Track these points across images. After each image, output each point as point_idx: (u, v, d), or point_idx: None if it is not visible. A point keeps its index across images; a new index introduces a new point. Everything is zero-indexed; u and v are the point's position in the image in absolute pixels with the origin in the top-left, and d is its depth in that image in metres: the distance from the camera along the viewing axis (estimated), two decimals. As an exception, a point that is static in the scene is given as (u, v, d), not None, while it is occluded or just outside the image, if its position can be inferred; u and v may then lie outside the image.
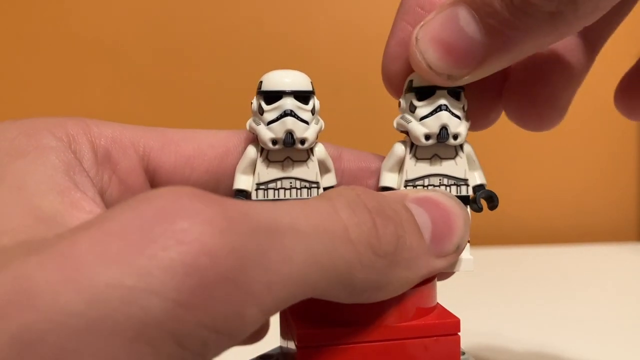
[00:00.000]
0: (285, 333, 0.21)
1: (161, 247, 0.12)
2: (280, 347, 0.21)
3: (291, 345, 0.19)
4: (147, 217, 0.13)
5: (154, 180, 0.21)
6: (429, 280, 0.20)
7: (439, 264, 0.18)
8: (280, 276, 0.14)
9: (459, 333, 0.19)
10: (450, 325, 0.19)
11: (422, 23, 0.20)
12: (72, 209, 0.16)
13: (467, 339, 0.20)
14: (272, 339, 0.21)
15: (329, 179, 0.22)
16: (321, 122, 0.21)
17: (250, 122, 0.21)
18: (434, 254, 0.18)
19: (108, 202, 0.19)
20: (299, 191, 0.21)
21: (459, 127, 0.20)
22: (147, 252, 0.12)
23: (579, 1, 0.17)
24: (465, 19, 0.18)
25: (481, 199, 0.21)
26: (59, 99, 0.64)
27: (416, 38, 0.19)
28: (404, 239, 0.17)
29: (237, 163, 0.22)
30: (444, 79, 0.20)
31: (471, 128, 0.22)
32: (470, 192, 0.21)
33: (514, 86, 0.24)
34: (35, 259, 0.12)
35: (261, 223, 0.14)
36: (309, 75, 0.21)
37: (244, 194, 0.21)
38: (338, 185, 0.22)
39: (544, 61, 0.24)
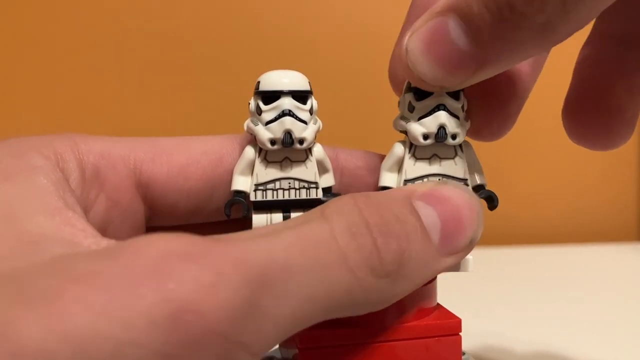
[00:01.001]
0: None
1: (149, 304, 0.12)
2: (281, 348, 0.21)
3: (293, 346, 0.19)
4: (136, 272, 0.13)
5: (147, 192, 0.21)
6: (429, 281, 0.20)
7: (449, 262, 0.17)
8: (273, 320, 0.14)
9: (460, 333, 0.19)
10: (451, 326, 0.19)
11: (411, 31, 0.19)
12: (65, 227, 0.15)
13: (467, 339, 0.20)
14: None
15: (327, 179, 0.22)
16: (319, 122, 0.21)
17: (248, 123, 0.21)
18: (444, 252, 0.17)
19: (93, 221, 0.19)
20: (297, 191, 0.21)
21: (457, 127, 0.20)
22: (136, 307, 0.12)
23: (569, 11, 0.17)
24: (456, 31, 0.18)
25: (481, 199, 0.21)
26: (59, 98, 0.64)
27: (406, 49, 0.19)
28: (410, 252, 0.16)
29: (231, 169, 0.21)
30: (437, 88, 0.19)
31: (478, 139, 0.22)
32: None
33: (572, 104, 0.23)
34: (21, 308, 0.12)
35: (253, 269, 0.14)
36: (307, 76, 0.21)
37: (242, 195, 0.21)
38: (337, 185, 0.22)
39: (604, 71, 0.23)
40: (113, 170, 0.20)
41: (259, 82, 0.21)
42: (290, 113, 0.20)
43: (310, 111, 0.21)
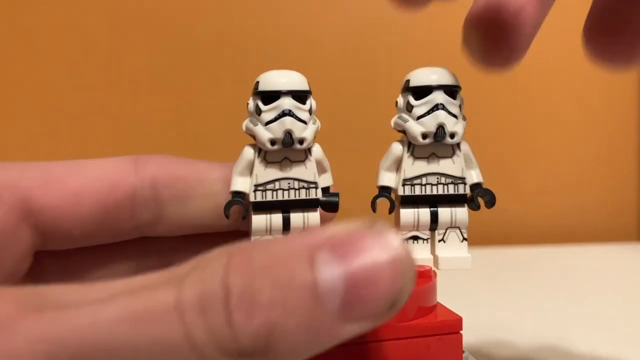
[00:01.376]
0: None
1: None
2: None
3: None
4: None
5: (38, 220, 0.20)
6: (428, 280, 0.20)
7: (352, 329, 0.14)
8: None
9: (461, 332, 0.19)
10: (452, 324, 0.19)
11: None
12: None
13: (467, 338, 0.20)
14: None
15: (326, 179, 0.22)
16: (318, 122, 0.21)
17: (246, 123, 0.21)
18: (349, 319, 0.13)
19: None
20: (297, 192, 0.21)
21: (455, 125, 0.21)
22: None
23: None
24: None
25: (478, 198, 0.21)
26: (59, 96, 0.64)
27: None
28: (286, 326, 0.13)
29: (127, 193, 0.21)
30: None
31: (490, 68, 0.21)
32: (468, 191, 0.21)
33: (594, 23, 0.22)
34: None
35: (62, 351, 0.12)
36: (306, 76, 0.21)
37: (241, 196, 0.21)
38: (334, 186, 0.22)
39: None
40: None
41: (257, 82, 0.21)
42: (290, 113, 0.20)
43: (310, 111, 0.21)
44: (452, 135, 0.20)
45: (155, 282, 0.14)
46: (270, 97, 0.20)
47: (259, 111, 0.20)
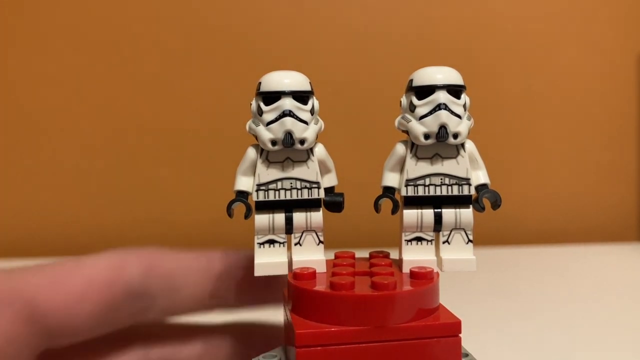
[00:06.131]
0: (286, 333, 0.21)
1: None
2: (283, 348, 0.21)
3: (292, 345, 0.19)
4: None
5: (45, 322, 0.22)
6: (430, 281, 0.20)
7: None
8: None
9: (460, 334, 0.19)
10: (451, 327, 0.19)
11: None
12: None
13: (467, 338, 0.19)
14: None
15: (330, 179, 0.22)
16: (321, 122, 0.21)
17: (249, 124, 0.21)
18: None
19: None
20: (299, 191, 0.21)
21: (459, 126, 0.20)
22: None
23: None
24: None
25: (484, 199, 0.21)
26: (59, 96, 0.64)
27: None
28: None
29: (129, 285, 0.23)
30: None
31: None
32: (473, 192, 0.21)
33: None
34: None
35: None
36: (309, 76, 0.21)
37: (244, 195, 0.21)
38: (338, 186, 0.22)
39: None
40: (7, 307, 0.21)
41: (260, 83, 0.21)
42: (290, 113, 0.20)
43: (311, 111, 0.21)
44: (455, 136, 0.20)
45: None
46: (271, 97, 0.20)
47: (260, 112, 0.20)
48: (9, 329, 0.20)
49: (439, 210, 0.21)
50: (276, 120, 0.20)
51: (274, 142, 0.20)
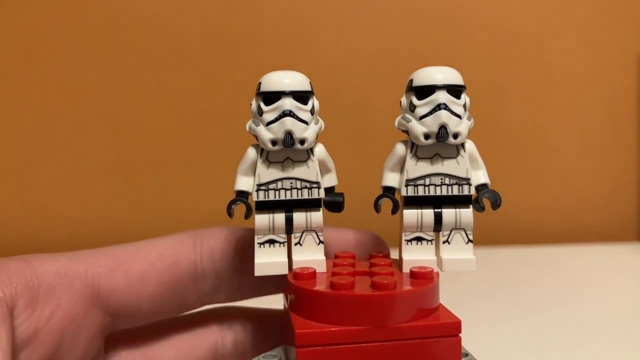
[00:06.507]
0: (286, 333, 0.21)
1: None
2: (283, 348, 0.21)
3: (292, 345, 0.19)
4: None
5: (108, 303, 0.22)
6: (430, 281, 0.20)
7: None
8: None
9: (460, 334, 0.19)
10: (451, 327, 0.19)
11: None
12: None
13: (467, 338, 0.19)
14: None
15: (330, 179, 0.22)
16: (321, 122, 0.21)
17: (249, 124, 0.21)
18: None
19: (47, 338, 0.20)
20: (299, 191, 0.21)
21: (459, 126, 0.20)
22: None
23: None
24: None
25: (484, 199, 0.21)
26: (59, 96, 0.64)
27: None
28: None
29: (188, 269, 0.23)
30: None
31: None
32: (473, 192, 0.21)
33: None
34: None
35: None
36: (309, 76, 0.21)
37: (245, 195, 0.21)
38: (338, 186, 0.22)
39: None
40: (69, 288, 0.21)
41: (260, 83, 0.21)
42: (290, 113, 0.20)
43: (312, 111, 0.21)
44: (455, 136, 0.20)
45: None
46: (271, 97, 0.20)
47: (260, 112, 0.20)
48: (72, 309, 0.21)
49: (439, 210, 0.21)
50: (276, 120, 0.20)
51: (274, 142, 0.20)
